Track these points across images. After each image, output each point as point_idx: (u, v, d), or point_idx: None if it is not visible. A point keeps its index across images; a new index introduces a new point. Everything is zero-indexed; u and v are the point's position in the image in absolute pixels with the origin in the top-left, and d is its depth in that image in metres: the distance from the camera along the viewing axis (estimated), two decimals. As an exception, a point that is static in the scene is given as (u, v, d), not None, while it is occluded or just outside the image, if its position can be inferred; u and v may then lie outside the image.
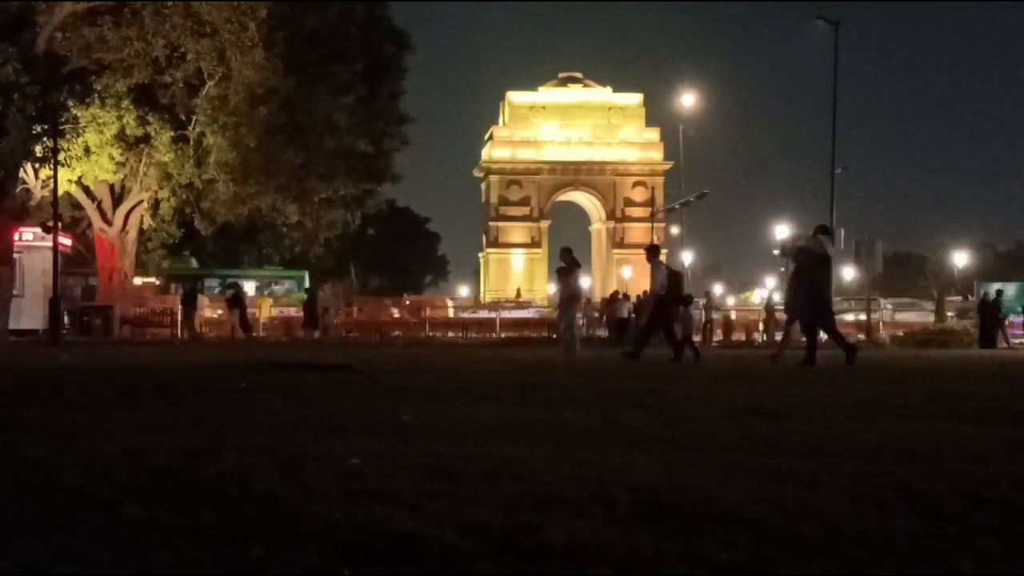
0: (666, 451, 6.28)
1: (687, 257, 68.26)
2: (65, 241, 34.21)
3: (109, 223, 35.66)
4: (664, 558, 3.63)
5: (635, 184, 74.90)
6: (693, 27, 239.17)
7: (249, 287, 42.89)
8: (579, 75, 79.06)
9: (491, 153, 76.88)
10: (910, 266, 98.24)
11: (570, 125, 76.20)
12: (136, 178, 34.53)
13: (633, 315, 35.70)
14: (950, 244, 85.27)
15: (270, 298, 42.91)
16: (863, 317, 39.64)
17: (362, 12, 38.30)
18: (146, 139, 32.77)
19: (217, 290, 42.28)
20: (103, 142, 31.77)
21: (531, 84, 79.59)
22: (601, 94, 77.75)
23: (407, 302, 46.15)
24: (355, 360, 17.19)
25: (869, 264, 38.67)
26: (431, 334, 39.98)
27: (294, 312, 39.17)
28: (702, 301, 39.64)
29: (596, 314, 38.83)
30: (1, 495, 4.69)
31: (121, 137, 32.25)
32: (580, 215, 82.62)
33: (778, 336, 37.82)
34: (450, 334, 40.74)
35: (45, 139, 30.62)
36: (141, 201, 35.57)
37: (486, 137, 79.69)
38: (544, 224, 77.18)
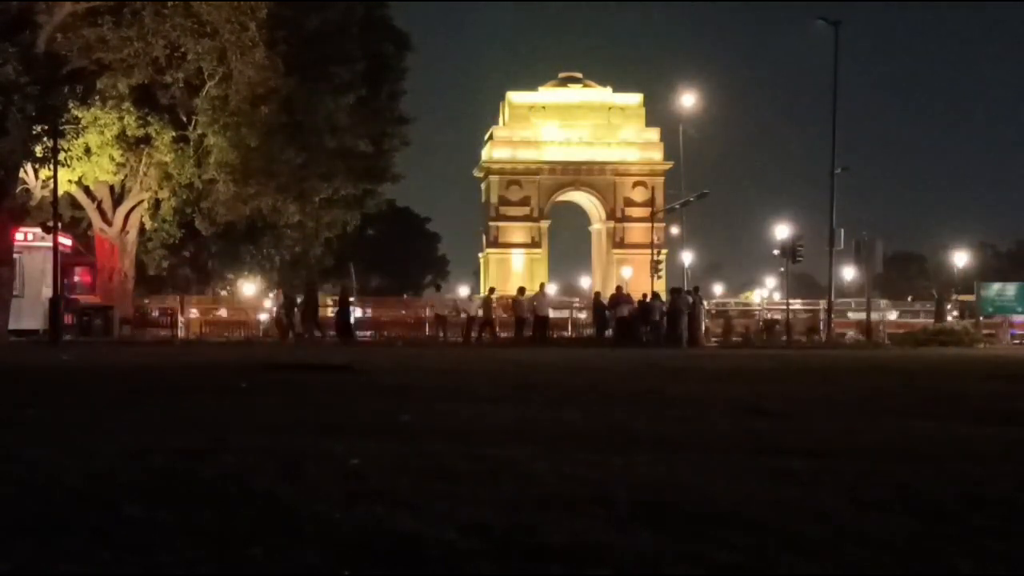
0: (666, 451, 6.28)
1: (687, 257, 68.16)
2: (65, 241, 34.15)
3: (109, 223, 35.64)
4: (664, 558, 3.63)
5: (635, 184, 74.68)
6: (693, 27, 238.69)
7: None
8: (579, 75, 78.90)
9: (491, 153, 76.76)
10: (910, 266, 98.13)
11: (570, 125, 76.01)
12: (136, 178, 34.50)
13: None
14: (950, 244, 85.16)
15: None
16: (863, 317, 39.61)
17: (362, 12, 38.25)
18: (147, 139, 32.75)
19: None
20: (104, 143, 31.74)
21: (531, 84, 79.33)
22: (601, 94, 77.57)
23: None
24: (355, 360, 17.19)
25: (869, 264, 38.65)
26: (431, 334, 39.91)
27: None
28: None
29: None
30: (1, 495, 4.69)
31: (122, 138, 32.23)
32: (580, 215, 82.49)
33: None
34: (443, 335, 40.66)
35: (45, 139, 30.57)
36: (141, 201, 35.53)
37: (486, 137, 79.54)
38: (544, 224, 76.99)
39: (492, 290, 39.13)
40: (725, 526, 4.06)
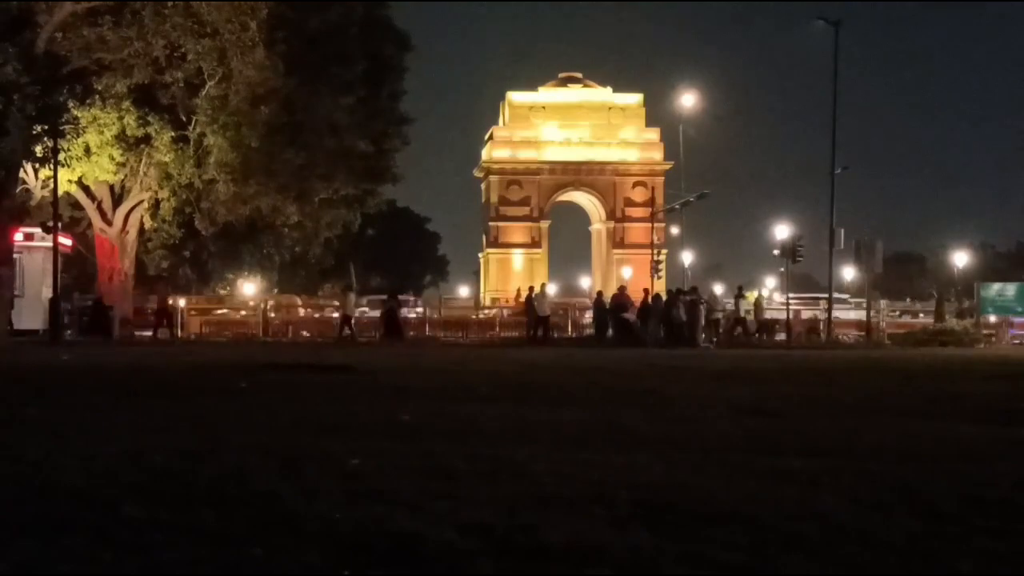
0: (666, 451, 6.28)
1: (687, 257, 68.16)
2: (65, 241, 34.12)
3: (109, 223, 35.62)
4: (664, 558, 3.63)
5: (635, 184, 74.64)
6: (693, 27, 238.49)
7: None
8: (579, 75, 78.91)
9: (491, 153, 76.74)
10: (910, 266, 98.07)
11: (570, 125, 75.99)
12: (136, 178, 34.48)
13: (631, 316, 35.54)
14: (950, 244, 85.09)
15: None
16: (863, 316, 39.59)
17: (362, 12, 38.24)
18: (146, 139, 32.73)
19: None
20: (103, 142, 31.72)
21: (531, 84, 79.23)
22: (601, 94, 77.55)
23: None
24: (355, 360, 17.20)
25: (869, 264, 38.61)
26: (431, 334, 39.94)
27: None
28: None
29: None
30: (1, 495, 4.69)
31: (121, 137, 32.21)
32: (580, 215, 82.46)
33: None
34: (446, 334, 40.63)
35: (45, 139, 30.55)
36: (141, 201, 35.51)
37: (486, 137, 79.51)
38: (544, 224, 76.96)
39: (537, 287, 37.92)
40: (725, 526, 4.06)
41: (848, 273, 72.46)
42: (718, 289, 77.91)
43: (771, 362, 20.10)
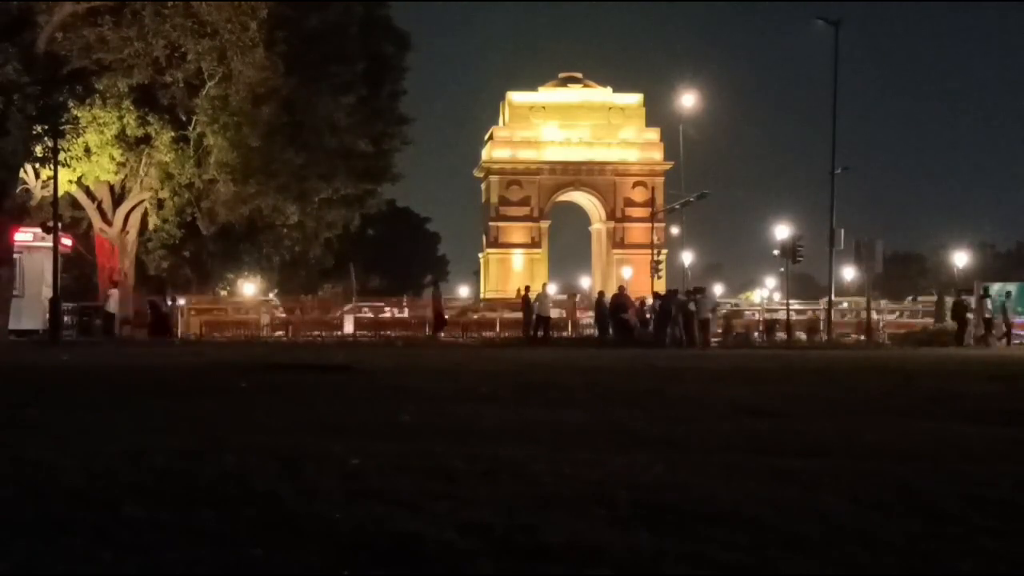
0: (666, 451, 6.28)
1: (687, 257, 68.13)
2: (65, 241, 34.14)
3: (109, 223, 35.66)
4: (664, 558, 3.63)
5: (635, 184, 74.69)
6: (693, 27, 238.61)
7: None
8: (579, 75, 78.96)
9: (491, 153, 76.79)
10: (910, 266, 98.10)
11: (570, 125, 76.05)
12: (136, 178, 34.55)
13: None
14: (950, 244, 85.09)
15: None
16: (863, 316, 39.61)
17: (362, 12, 38.31)
18: (147, 139, 32.76)
19: None
20: (103, 142, 31.75)
21: (531, 84, 79.34)
22: (601, 94, 77.61)
23: None
24: (355, 360, 17.20)
25: (869, 264, 38.61)
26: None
27: None
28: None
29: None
30: (1, 495, 4.69)
31: (122, 137, 32.24)
32: (580, 215, 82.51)
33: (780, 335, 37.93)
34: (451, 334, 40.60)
35: (45, 139, 30.60)
36: (141, 201, 35.57)
37: (486, 137, 79.55)
38: (544, 224, 77.02)
39: (539, 287, 37.96)
40: (725, 526, 4.06)
41: (848, 273, 72.46)
42: (718, 289, 77.98)
43: (771, 362, 20.10)
